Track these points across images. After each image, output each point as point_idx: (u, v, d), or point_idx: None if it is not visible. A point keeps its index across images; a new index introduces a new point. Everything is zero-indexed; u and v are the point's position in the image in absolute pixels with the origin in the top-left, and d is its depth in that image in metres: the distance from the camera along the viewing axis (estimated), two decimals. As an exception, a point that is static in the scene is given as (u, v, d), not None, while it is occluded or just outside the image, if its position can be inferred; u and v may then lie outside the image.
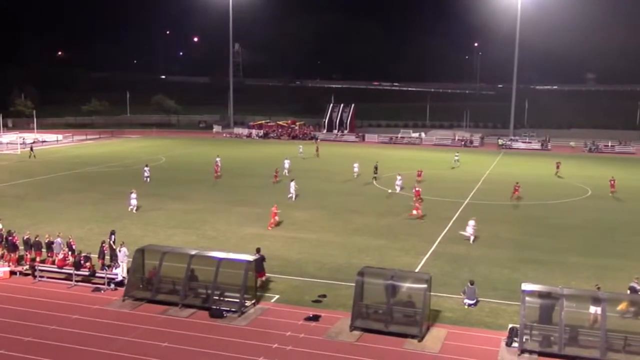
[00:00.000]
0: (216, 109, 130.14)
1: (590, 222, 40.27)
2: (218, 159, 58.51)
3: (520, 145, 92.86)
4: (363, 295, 22.75)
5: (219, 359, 19.83)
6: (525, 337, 20.66)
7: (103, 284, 25.97)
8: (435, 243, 34.05)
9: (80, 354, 19.97)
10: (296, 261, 30.21)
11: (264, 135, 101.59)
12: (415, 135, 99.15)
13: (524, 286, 21.88)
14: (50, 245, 28.53)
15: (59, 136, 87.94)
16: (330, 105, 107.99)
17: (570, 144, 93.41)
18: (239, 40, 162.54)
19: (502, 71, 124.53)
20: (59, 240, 28.50)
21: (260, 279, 25.74)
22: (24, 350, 20.05)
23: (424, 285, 22.11)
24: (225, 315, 23.02)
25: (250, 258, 24.79)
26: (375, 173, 55.54)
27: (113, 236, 29.26)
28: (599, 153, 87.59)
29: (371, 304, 22.62)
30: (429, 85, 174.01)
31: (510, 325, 21.89)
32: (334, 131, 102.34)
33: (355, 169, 56.90)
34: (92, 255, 27.79)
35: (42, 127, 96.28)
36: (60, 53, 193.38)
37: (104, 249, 27.93)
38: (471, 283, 24.71)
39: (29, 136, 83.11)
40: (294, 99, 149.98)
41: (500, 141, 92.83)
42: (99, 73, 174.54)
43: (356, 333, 21.67)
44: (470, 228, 34.21)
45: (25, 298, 24.76)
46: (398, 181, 48.79)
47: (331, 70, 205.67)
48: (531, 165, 70.94)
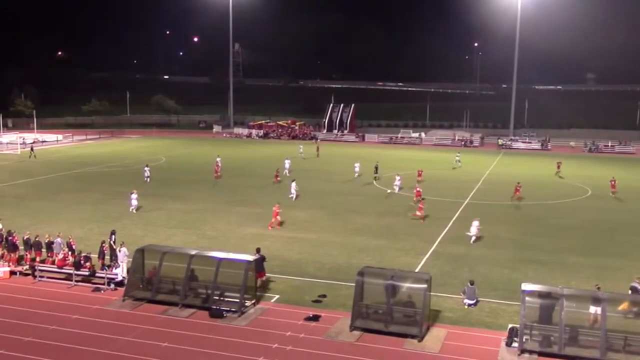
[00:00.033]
0: (216, 109, 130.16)
1: (590, 222, 40.27)
2: (218, 159, 58.51)
3: (520, 145, 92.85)
4: (363, 295, 22.74)
5: (219, 359, 19.83)
6: (525, 337, 20.66)
7: (103, 284, 25.98)
8: (435, 243, 34.05)
9: (80, 354, 19.97)
10: (296, 261, 30.21)
11: (264, 135, 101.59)
12: (415, 135, 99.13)
13: (524, 286, 21.88)
14: (50, 245, 28.53)
15: (59, 136, 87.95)
16: (330, 105, 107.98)
17: (570, 144, 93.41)
18: (239, 40, 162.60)
19: (502, 71, 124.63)
20: (59, 240, 28.50)
21: (261, 279, 25.74)
22: (24, 350, 20.06)
23: (424, 285, 22.11)
24: (225, 315, 23.02)
25: (250, 258, 24.80)
26: (376, 173, 55.57)
27: (113, 236, 29.25)
28: (599, 153, 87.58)
29: (371, 304, 22.62)
30: (429, 85, 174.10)
31: (510, 325, 21.89)
32: (334, 131, 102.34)
33: (357, 169, 56.85)
34: (92, 255, 27.79)
35: (42, 127, 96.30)
36: (60, 53, 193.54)
37: (104, 249, 27.94)
38: (471, 283, 24.71)
39: (29, 136, 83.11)
40: (294, 99, 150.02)
41: (500, 141, 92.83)
42: (99, 73, 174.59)
43: (356, 333, 21.67)
44: (475, 228, 34.18)
45: (25, 298, 24.76)
46: (397, 181, 48.81)
47: (331, 70, 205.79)
48: (531, 165, 70.94)
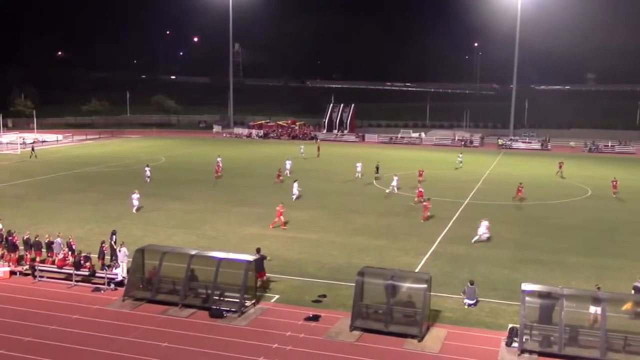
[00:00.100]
0: (216, 109, 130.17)
1: (590, 222, 40.28)
2: (219, 159, 58.53)
3: (520, 145, 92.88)
4: (363, 295, 22.74)
5: (219, 359, 19.83)
6: (525, 337, 20.65)
7: (103, 284, 25.98)
8: (435, 243, 34.05)
9: (80, 354, 19.96)
10: (296, 261, 30.20)
11: (264, 135, 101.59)
12: (415, 135, 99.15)
13: (524, 286, 21.87)
14: (50, 245, 28.52)
15: (59, 136, 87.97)
16: (330, 105, 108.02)
17: (570, 144, 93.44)
18: (239, 40, 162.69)
19: (502, 71, 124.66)
20: (59, 240, 28.50)
21: (261, 279, 25.72)
22: (24, 350, 20.05)
23: (424, 285, 22.11)
24: (225, 315, 23.02)
25: (250, 258, 24.80)
26: (377, 173, 55.59)
27: (114, 236, 29.24)
28: (599, 153, 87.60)
29: (371, 304, 22.61)
30: (429, 85, 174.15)
31: (510, 325, 21.89)
32: (334, 131, 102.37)
33: (358, 169, 56.77)
34: (92, 255, 27.80)
35: (42, 127, 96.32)
36: (60, 53, 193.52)
37: (104, 249, 27.93)
38: (471, 283, 24.70)
39: (29, 136, 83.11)
40: (294, 99, 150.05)
41: (500, 141, 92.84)
42: (99, 73, 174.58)
43: (356, 333, 21.67)
44: (484, 228, 34.12)
45: (25, 298, 24.76)
46: (394, 182, 48.78)
47: (331, 70, 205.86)
48: (531, 165, 70.95)
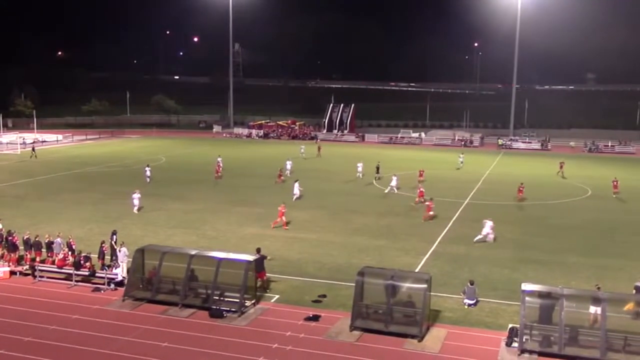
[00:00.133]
0: (216, 109, 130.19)
1: (590, 222, 40.28)
2: (219, 159, 58.50)
3: (520, 145, 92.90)
4: (363, 295, 22.73)
5: (219, 359, 19.83)
6: (525, 337, 20.65)
7: (103, 284, 25.98)
8: (435, 243, 34.05)
9: (80, 354, 19.96)
10: (296, 261, 30.20)
11: (264, 135, 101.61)
12: (415, 135, 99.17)
13: (524, 286, 21.87)
14: (50, 245, 28.52)
15: (59, 136, 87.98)
16: (330, 105, 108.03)
17: (570, 144, 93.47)
18: (239, 40, 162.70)
19: (502, 71, 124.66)
20: (59, 240, 28.49)
21: (261, 279, 25.72)
22: (24, 350, 20.05)
23: (424, 285, 22.11)
24: (225, 315, 23.02)
25: (250, 258, 24.80)
26: (377, 173, 55.59)
27: (115, 236, 29.23)
28: (599, 153, 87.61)
29: (371, 304, 22.60)
30: (429, 85, 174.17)
31: (510, 325, 21.89)
32: (334, 131, 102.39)
33: (359, 169, 56.73)
34: (92, 255, 27.80)
35: (42, 127, 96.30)
36: (60, 53, 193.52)
37: (104, 249, 27.93)
38: (471, 283, 24.70)
39: (29, 136, 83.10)
40: (294, 99, 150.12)
41: (500, 141, 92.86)
42: (99, 73, 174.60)
43: (356, 333, 21.67)
44: (488, 228, 34.10)
45: (25, 298, 24.75)
46: (393, 182, 48.75)
47: (331, 70, 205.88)
48: (531, 165, 70.95)
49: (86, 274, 26.54)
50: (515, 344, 20.68)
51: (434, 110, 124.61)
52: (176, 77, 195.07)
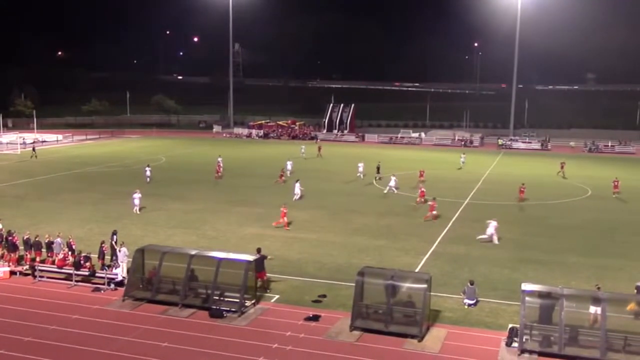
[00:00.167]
0: (216, 109, 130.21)
1: (590, 222, 40.28)
2: (220, 159, 58.48)
3: (520, 145, 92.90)
4: (363, 295, 22.73)
5: (219, 359, 19.83)
6: (525, 337, 20.65)
7: (103, 284, 25.98)
8: (435, 243, 34.05)
9: (80, 354, 19.96)
10: (296, 261, 30.20)
11: (264, 135, 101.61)
12: (415, 135, 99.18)
13: (524, 286, 21.87)
14: (50, 245, 28.52)
15: (59, 136, 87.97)
16: (330, 105, 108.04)
17: (570, 144, 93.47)
18: (239, 40, 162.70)
19: (502, 71, 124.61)
20: (59, 240, 28.49)
21: (262, 279, 25.71)
22: (24, 350, 20.05)
23: (424, 285, 22.11)
24: (225, 315, 23.02)
25: (250, 258, 24.80)
26: (378, 173, 55.59)
27: (115, 236, 29.22)
28: (599, 153, 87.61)
29: (371, 304, 22.61)
30: (429, 85, 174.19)
31: (510, 325, 21.89)
32: (334, 131, 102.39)
33: (360, 169, 56.68)
34: (92, 255, 27.79)
35: (42, 127, 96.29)
36: (60, 53, 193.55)
37: (104, 249, 27.93)
38: (471, 283, 24.70)
39: (29, 136, 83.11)
40: (294, 99, 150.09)
41: (500, 141, 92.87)
42: (99, 73, 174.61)
43: (356, 333, 21.67)
44: (492, 228, 34.07)
45: (25, 298, 24.75)
46: (392, 182, 48.73)
47: (331, 70, 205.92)
48: (531, 165, 70.96)
49: (86, 274, 26.54)
50: (515, 344, 20.68)
51: (434, 110, 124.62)
52: (179, 77, 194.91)
